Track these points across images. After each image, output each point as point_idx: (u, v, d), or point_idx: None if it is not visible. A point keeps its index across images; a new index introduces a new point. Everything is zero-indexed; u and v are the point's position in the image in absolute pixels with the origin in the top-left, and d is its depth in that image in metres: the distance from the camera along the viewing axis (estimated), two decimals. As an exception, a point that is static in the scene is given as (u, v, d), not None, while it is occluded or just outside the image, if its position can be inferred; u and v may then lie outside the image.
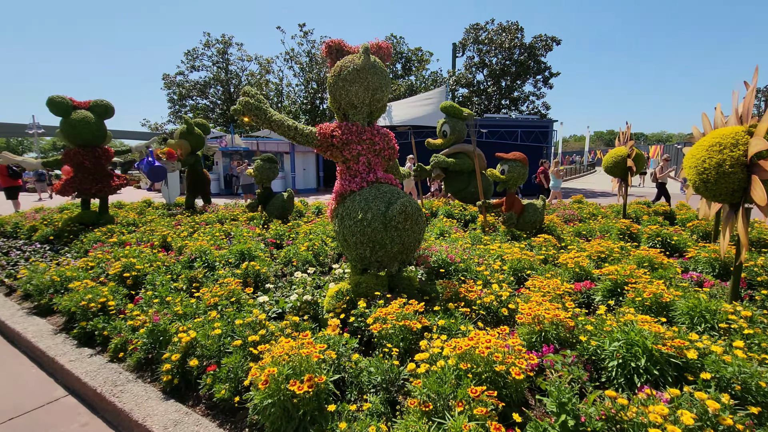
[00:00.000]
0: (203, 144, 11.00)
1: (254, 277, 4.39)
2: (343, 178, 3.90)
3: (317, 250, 5.35)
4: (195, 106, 25.59)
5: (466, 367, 2.08)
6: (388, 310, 2.85)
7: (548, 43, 23.50)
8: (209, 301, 3.34)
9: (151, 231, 6.80)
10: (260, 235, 6.42)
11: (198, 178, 10.81)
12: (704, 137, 3.61)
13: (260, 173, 8.29)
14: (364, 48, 3.76)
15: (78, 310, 3.48)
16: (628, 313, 2.64)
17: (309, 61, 23.77)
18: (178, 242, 5.49)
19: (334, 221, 3.85)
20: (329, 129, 3.79)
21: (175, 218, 8.51)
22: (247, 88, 4.00)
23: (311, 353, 2.10)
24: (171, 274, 4.37)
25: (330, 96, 4.01)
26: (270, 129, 3.87)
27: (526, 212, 6.50)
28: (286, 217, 8.56)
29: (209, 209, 10.16)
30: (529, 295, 3.16)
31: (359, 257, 3.61)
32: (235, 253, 4.96)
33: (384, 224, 3.43)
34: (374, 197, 3.56)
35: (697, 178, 3.46)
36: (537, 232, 6.50)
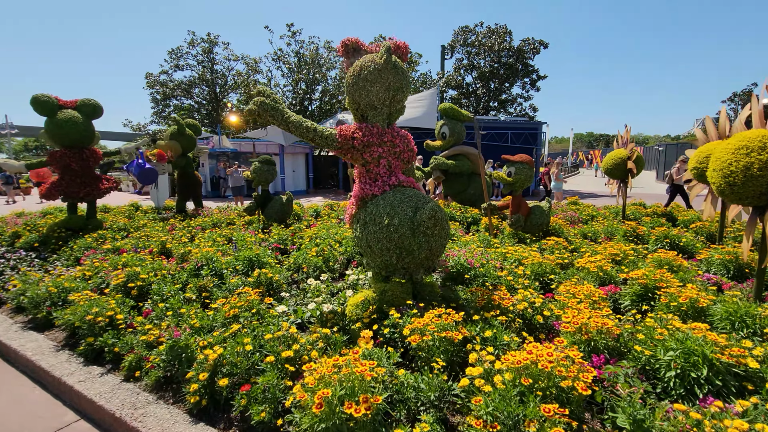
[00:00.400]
0: (194, 145, 10.66)
1: (266, 286, 4.20)
2: (363, 182, 3.75)
3: (326, 256, 5.18)
4: (179, 106, 24.90)
5: (527, 383, 1.97)
6: (425, 321, 2.72)
7: (536, 47, 23.85)
8: (228, 313, 3.14)
9: (146, 237, 6.50)
10: (264, 240, 6.20)
11: (189, 180, 10.46)
12: (728, 140, 3.60)
13: (258, 175, 8.05)
14: (386, 47, 3.63)
15: (83, 325, 3.23)
16: (673, 320, 2.59)
17: (297, 62, 23.44)
18: (179, 249, 5.23)
19: (354, 226, 3.70)
20: (350, 131, 3.65)
21: (168, 223, 8.18)
22: (261, 87, 3.81)
23: (364, 371, 1.95)
24: (178, 284, 4.14)
25: (348, 96, 3.86)
26: (287, 130, 3.70)
27: (533, 215, 6.47)
28: (285, 221, 8.34)
29: (202, 213, 9.83)
30: (563, 301, 3.09)
31: (384, 264, 3.47)
32: (242, 260, 4.75)
33: (412, 230, 3.31)
34: (400, 201, 3.43)
35: (723, 180, 3.45)
36: (544, 235, 6.49)
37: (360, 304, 3.43)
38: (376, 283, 3.70)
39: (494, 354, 2.41)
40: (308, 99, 23.83)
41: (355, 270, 4.92)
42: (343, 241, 5.85)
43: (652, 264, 4.22)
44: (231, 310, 3.14)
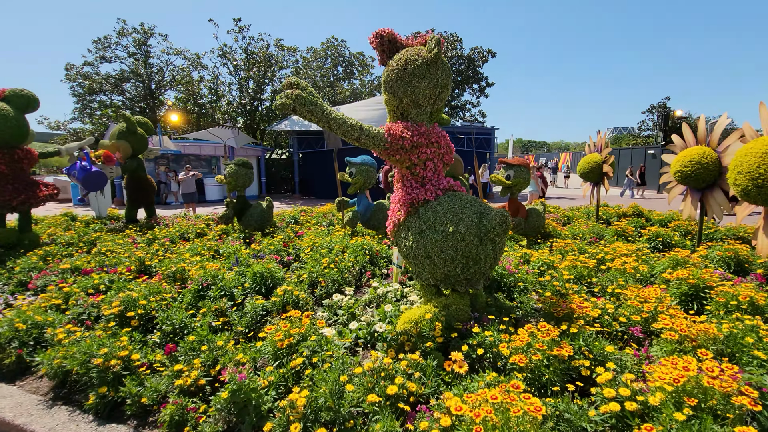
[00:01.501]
0: (146, 146, 9.43)
1: (293, 306, 3.69)
2: (410, 186, 3.44)
3: (341, 267, 4.73)
4: (108, 102, 22.17)
5: (693, 403, 1.81)
6: (523, 337, 2.49)
7: (484, 55, 24.97)
8: (282, 343, 2.64)
9: (110, 252, 5.51)
10: (258, 252, 5.55)
11: (141, 185, 9.20)
12: (751, 145, 3.83)
13: (235, 179, 7.28)
14: (435, 40, 3.36)
15: (85, 371, 2.52)
16: (749, 319, 2.61)
17: (246, 59, 22.09)
18: (167, 266, 4.45)
19: (403, 235, 3.36)
20: (399, 129, 3.31)
21: (125, 235, 7.08)
22: (293, 78, 3.33)
23: (533, 409, 1.65)
24: (190, 309, 3.48)
25: (388, 92, 3.52)
26: (327, 128, 3.26)
27: (531, 217, 6.56)
28: (264, 229, 7.64)
29: (162, 222, 8.69)
30: (637, 306, 3.02)
31: (445, 275, 3.18)
32: (251, 276, 4.15)
33: (479, 237, 3.06)
34: (462, 207, 3.16)
35: (751, 183, 3.67)
36: (542, 237, 6.60)
37: (421, 320, 3.09)
38: (431, 296, 3.40)
39: (616, 370, 2.24)
40: (258, 99, 22.57)
41: (380, 282, 4.55)
42: (348, 249, 5.43)
43: (670, 263, 4.39)
44: (286, 340, 2.63)
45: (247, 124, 22.44)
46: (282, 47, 22.41)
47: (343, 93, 23.07)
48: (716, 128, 5.83)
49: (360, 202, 7.02)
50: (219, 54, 21.77)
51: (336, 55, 25.31)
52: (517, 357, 2.35)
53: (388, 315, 3.66)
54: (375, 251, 5.54)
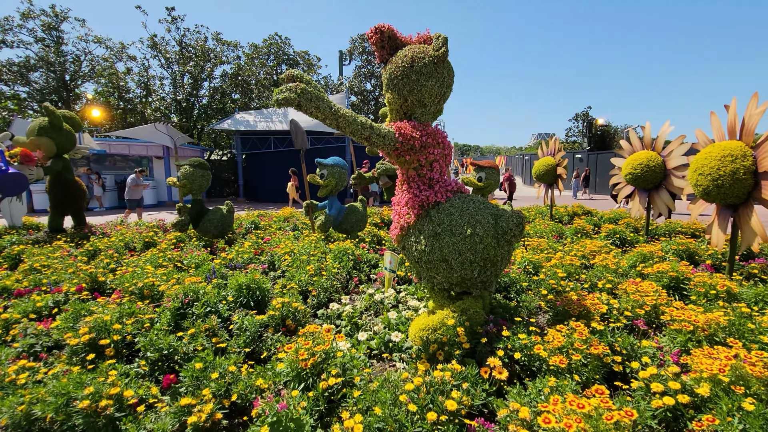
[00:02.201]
0: (74, 144, 8.22)
1: (293, 319, 3.38)
2: (416, 188, 3.33)
3: (329, 274, 4.47)
4: (8, 93, 19.01)
5: (741, 391, 1.91)
6: (557, 337, 2.49)
7: (429, 61, 25.63)
8: (306, 363, 2.37)
9: (45, 268, 4.67)
10: (230, 261, 5.05)
11: (69, 190, 7.99)
12: (709, 149, 4.25)
13: (191, 182, 6.61)
14: (444, 38, 3.29)
15: (62, 417, 2.04)
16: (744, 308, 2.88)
17: (180, 52, 20.34)
18: (129, 282, 3.85)
19: (415, 238, 3.23)
20: (409, 129, 3.18)
21: (55, 247, 6.07)
22: (295, 71, 3.06)
23: (625, 415, 1.62)
24: (172, 331, 3.02)
25: (392, 90, 3.38)
26: (334, 126, 3.04)
27: (501, 217, 6.76)
28: (225, 236, 7.04)
29: (96, 231, 7.61)
30: (639, 300, 3.19)
31: (461, 279, 3.10)
32: (236, 288, 3.74)
33: (496, 239, 3.03)
34: (476, 209, 3.12)
35: (711, 183, 4.08)
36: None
37: (441, 327, 2.98)
38: (443, 300, 3.30)
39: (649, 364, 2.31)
40: (194, 96, 20.95)
41: (369, 287, 4.37)
42: (329, 255, 5.17)
43: (638, 257, 4.76)
44: (311, 359, 2.37)
45: (183, 122, 20.69)
46: (221, 41, 21.01)
47: (288, 92, 22.24)
48: (659, 135, 6.50)
49: (332, 205, 6.75)
50: (149, 45, 19.81)
51: (280, 53, 24.37)
52: (557, 358, 2.34)
53: (394, 322, 3.51)
54: (357, 255, 5.34)
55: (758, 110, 3.87)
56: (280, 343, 3.04)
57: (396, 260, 4.32)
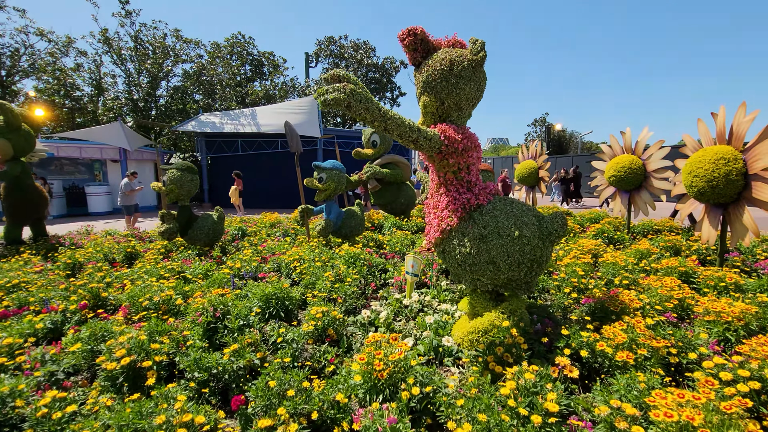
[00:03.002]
0: (33, 146, 7.43)
1: (334, 329, 3.25)
2: (455, 191, 3.33)
3: (349, 280, 4.36)
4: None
5: (806, 374, 2.07)
6: (617, 333, 2.58)
7: (397, 66, 25.93)
8: (381, 374, 2.27)
9: (26, 284, 4.16)
10: (238, 270, 4.76)
11: (28, 197, 7.19)
12: (700, 154, 4.62)
13: (179, 187, 6.20)
14: (482, 43, 3.32)
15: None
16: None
17: (136, 49, 19.03)
18: (140, 296, 3.51)
19: (458, 241, 3.22)
20: (453, 132, 3.18)
21: (25, 260, 5.43)
22: (340, 71, 2.97)
23: (739, 403, 1.69)
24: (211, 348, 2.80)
25: (429, 93, 3.37)
26: (381, 128, 2.98)
27: (497, 219, 6.94)
28: (215, 244, 6.66)
29: (65, 242, 6.90)
30: (665, 294, 3.39)
31: (508, 280, 3.14)
32: (262, 299, 3.54)
33: (542, 240, 3.09)
34: (520, 211, 3.17)
35: (706, 184, 4.44)
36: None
37: (492, 329, 2.98)
38: (485, 302, 3.31)
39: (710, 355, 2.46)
40: (151, 96, 19.70)
41: (387, 292, 4.32)
42: (339, 260, 5.05)
43: (636, 253, 5.07)
44: (386, 369, 2.28)
45: (153, 120, 19.36)
46: (181, 38, 19.91)
47: (255, 94, 21.50)
48: (639, 140, 6.99)
49: (330, 209, 6.59)
50: (100, 40, 18.34)
51: (243, 53, 23.52)
52: (623, 354, 2.42)
53: (433, 327, 3.47)
54: (367, 261, 5.24)
55: (747, 118, 4.26)
56: (328, 353, 2.90)
57: (419, 264, 4.29)
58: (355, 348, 3.18)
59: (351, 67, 25.36)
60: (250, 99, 21.78)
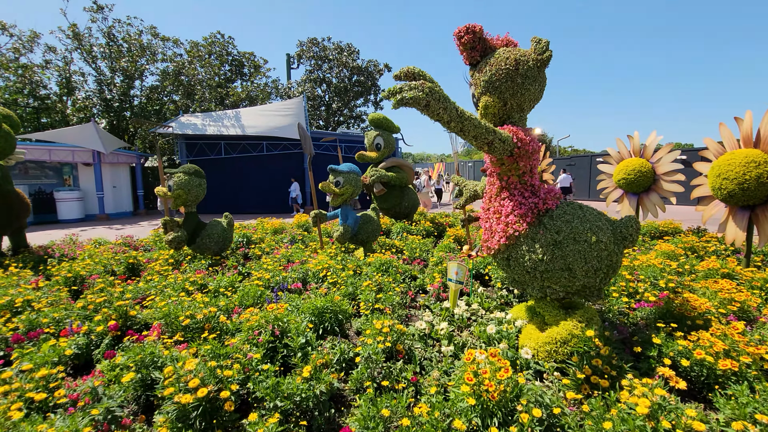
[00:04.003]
0: (13, 147, 6.79)
1: (402, 343, 3.03)
2: (520, 195, 3.22)
3: (388, 289, 4.15)
4: None
5: None
6: (713, 340, 2.51)
7: (380, 69, 25.82)
8: (493, 395, 2.09)
9: (32, 303, 3.70)
10: (268, 282, 4.44)
11: (8, 203, 6.51)
12: (727, 157, 4.72)
13: (188, 192, 5.78)
14: (546, 42, 3.22)
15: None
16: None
17: (108, 46, 17.94)
18: (175, 313, 3.16)
19: (528, 247, 3.09)
20: (522, 134, 3.06)
21: (16, 276, 4.87)
22: (415, 68, 2.78)
23: None
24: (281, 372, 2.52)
25: (491, 94, 3.25)
26: (458, 129, 2.81)
27: (513, 222, 6.90)
28: (223, 252, 6.26)
29: (54, 253, 6.28)
30: (730, 297, 3.38)
31: (583, 287, 3.02)
32: (314, 313, 3.28)
33: (617, 244, 3.01)
34: (592, 215, 3.08)
35: (737, 187, 4.53)
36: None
37: (571, 338, 2.86)
38: (556, 311, 3.19)
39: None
40: (127, 96, 18.65)
41: (428, 300, 4.14)
42: (370, 269, 4.83)
43: (662, 256, 5.12)
44: (495, 391, 2.10)
45: (113, 124, 18.27)
46: (158, 36, 18.95)
47: (236, 95, 20.78)
48: (648, 144, 7.15)
49: (347, 214, 6.34)
50: (69, 36, 17.17)
51: (223, 53, 22.73)
52: (726, 362, 2.35)
53: (496, 337, 3.32)
54: (397, 268, 5.04)
55: (775, 122, 4.39)
56: (406, 372, 2.69)
57: (464, 271, 4.14)
58: (424, 364, 2.98)
59: (335, 70, 25.06)
60: (230, 100, 21.04)
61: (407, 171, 9.46)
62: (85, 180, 16.34)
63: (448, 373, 2.78)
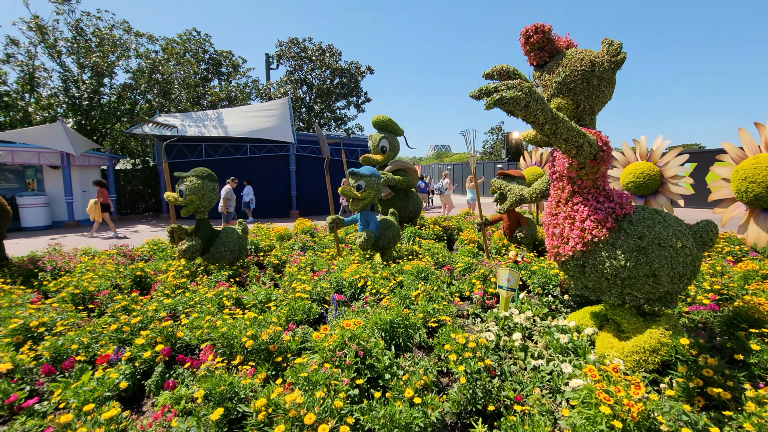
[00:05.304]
0: (-10, 149, 6.05)
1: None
2: (594, 200, 3.15)
3: (437, 297, 3.97)
4: None
5: None
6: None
7: (363, 71, 25.54)
8: (632, 415, 1.96)
9: (46, 326, 3.24)
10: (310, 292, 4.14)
11: (-15, 211, 5.79)
12: (752, 161, 4.89)
13: (201, 198, 5.36)
14: (620, 44, 3.17)
15: None
16: None
17: (75, 40, 16.69)
18: (233, 334, 2.84)
19: (608, 253, 3.00)
20: (604, 137, 2.97)
21: (13, 291, 4.30)
22: (508, 66, 2.63)
23: None
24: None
25: (564, 95, 3.17)
26: (551, 132, 2.69)
27: (530, 227, 6.90)
28: (238, 262, 5.86)
29: (48, 266, 5.64)
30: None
31: (666, 293, 2.97)
32: (384, 327, 3.05)
33: (698, 249, 2.98)
34: (674, 220, 3.04)
35: (764, 190, 4.69)
36: (539, 245, 7.02)
37: (661, 347, 2.79)
38: (634, 318, 3.11)
39: None
40: (98, 94, 17.45)
41: (476, 308, 4.00)
42: (405, 276, 4.63)
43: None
44: (635, 411, 1.96)
45: (81, 124, 17.02)
46: (131, 31, 17.85)
47: (215, 95, 19.92)
48: (655, 148, 7.36)
49: (368, 220, 6.10)
50: (31, 28, 15.83)
51: (199, 51, 21.76)
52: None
53: (570, 347, 3.21)
54: (437, 276, 4.87)
55: (800, 128, 4.58)
56: (505, 389, 2.52)
57: (515, 277, 4.03)
58: (515, 380, 2.81)
59: (316, 71, 24.59)
60: (208, 101, 20.15)
61: (412, 174, 9.32)
62: (52, 184, 15.10)
63: (549, 390, 2.64)
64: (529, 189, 4.42)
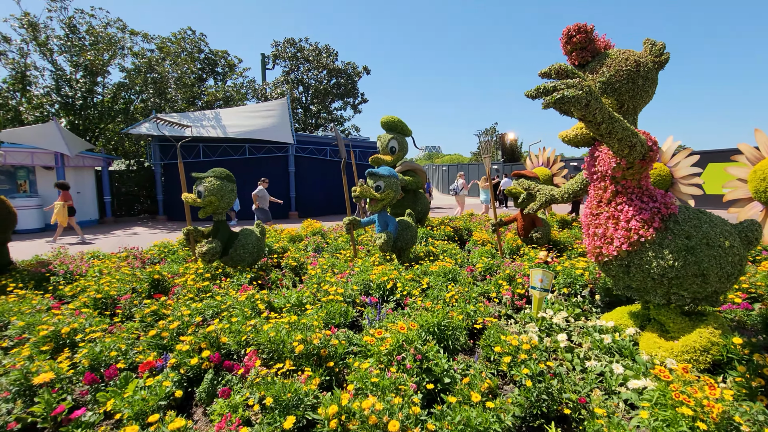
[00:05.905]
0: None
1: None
2: (639, 200, 3.15)
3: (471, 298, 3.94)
4: None
5: None
6: None
7: (359, 72, 25.48)
8: (713, 415, 1.95)
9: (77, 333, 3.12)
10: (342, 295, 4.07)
11: (-9, 213, 5.58)
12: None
13: (221, 199, 5.25)
14: (662, 44, 3.18)
15: None
16: None
17: (68, 38, 16.30)
18: (281, 344, 2.77)
19: (655, 254, 3.00)
20: (650, 137, 2.98)
21: (33, 297, 4.14)
22: (564, 65, 2.61)
23: None
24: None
25: (609, 95, 3.17)
26: (606, 132, 2.69)
27: (545, 227, 6.92)
28: (256, 264, 5.75)
29: (60, 270, 5.45)
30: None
31: (714, 292, 2.98)
32: (432, 330, 3.00)
33: (745, 248, 3.00)
34: (718, 219, 3.05)
35: (784, 190, 4.79)
36: (553, 245, 7.05)
37: (713, 346, 2.80)
38: (678, 317, 3.12)
39: None
40: (92, 93, 17.07)
41: (508, 309, 3.98)
42: (432, 277, 4.60)
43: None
44: (714, 413, 1.95)
45: (74, 124, 16.62)
46: (125, 29, 17.50)
47: (211, 95, 19.66)
48: (666, 149, 7.46)
49: (386, 221, 6.05)
50: (23, 25, 15.42)
51: (195, 51, 21.44)
52: None
53: (615, 348, 3.20)
54: (465, 277, 4.84)
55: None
56: (566, 392, 2.49)
57: (549, 278, 4.02)
58: (569, 381, 2.78)
59: (313, 71, 24.45)
60: (204, 100, 19.87)
61: (421, 175, 9.29)
62: (45, 185, 14.71)
63: (604, 391, 2.62)
64: (559, 189, 4.42)
